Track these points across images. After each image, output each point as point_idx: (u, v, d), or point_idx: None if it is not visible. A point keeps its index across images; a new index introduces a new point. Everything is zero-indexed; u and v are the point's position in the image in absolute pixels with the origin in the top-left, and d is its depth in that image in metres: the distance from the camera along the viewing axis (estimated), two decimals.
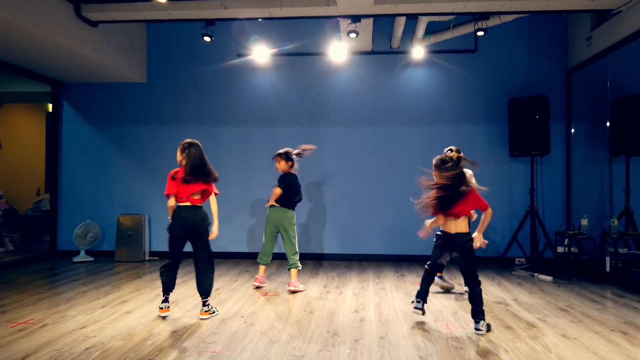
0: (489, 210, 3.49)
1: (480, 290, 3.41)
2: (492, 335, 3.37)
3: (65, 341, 3.20)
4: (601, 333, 3.43)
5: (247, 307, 4.11)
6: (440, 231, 3.59)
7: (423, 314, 3.68)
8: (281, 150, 4.84)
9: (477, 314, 3.39)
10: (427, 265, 3.71)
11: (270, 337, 3.31)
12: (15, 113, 8.48)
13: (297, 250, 4.78)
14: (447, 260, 4.01)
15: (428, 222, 3.68)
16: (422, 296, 3.69)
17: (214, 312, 3.85)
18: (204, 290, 3.78)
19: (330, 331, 3.45)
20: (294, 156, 4.82)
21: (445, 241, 3.54)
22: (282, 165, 4.79)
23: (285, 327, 3.55)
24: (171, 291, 3.83)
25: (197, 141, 3.83)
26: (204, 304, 3.80)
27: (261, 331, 3.44)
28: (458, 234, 3.45)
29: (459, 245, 3.45)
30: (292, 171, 4.83)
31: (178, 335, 3.33)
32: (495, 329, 3.50)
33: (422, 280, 3.72)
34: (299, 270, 4.82)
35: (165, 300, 3.80)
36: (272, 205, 4.76)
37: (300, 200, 4.90)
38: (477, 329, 3.38)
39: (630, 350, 3.08)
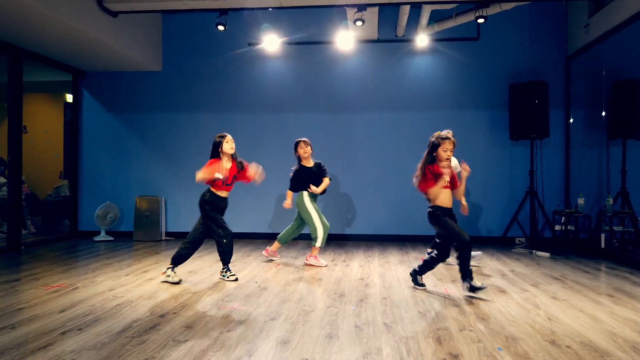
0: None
1: (464, 254, 3.63)
2: (488, 297, 3.64)
3: (97, 300, 3.53)
4: (589, 296, 3.70)
5: (260, 275, 4.43)
6: None
7: (417, 285, 3.95)
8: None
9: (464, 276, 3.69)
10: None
11: (282, 297, 3.62)
12: (34, 102, 8.83)
13: (317, 229, 4.86)
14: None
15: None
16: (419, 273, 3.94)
17: (224, 277, 4.22)
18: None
19: (338, 293, 3.75)
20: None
21: None
22: (309, 149, 5.09)
23: (296, 290, 3.86)
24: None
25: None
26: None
27: (274, 293, 3.75)
28: None
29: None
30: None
31: (198, 296, 3.65)
32: (490, 293, 3.77)
33: (427, 266, 3.87)
34: (318, 248, 4.94)
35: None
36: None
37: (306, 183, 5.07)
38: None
39: (614, 308, 3.35)
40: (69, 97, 8.04)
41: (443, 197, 3.72)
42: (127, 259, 5.32)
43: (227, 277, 4.22)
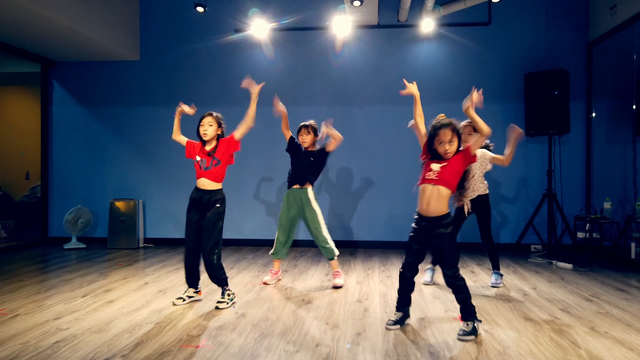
0: None
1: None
2: (512, 328, 3.00)
3: (34, 334, 2.88)
4: (633, 325, 3.05)
5: (240, 296, 3.77)
6: None
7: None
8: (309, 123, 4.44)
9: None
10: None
11: (262, 329, 2.97)
12: (6, 96, 8.17)
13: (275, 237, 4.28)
14: None
15: None
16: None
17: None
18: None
19: (330, 323, 3.10)
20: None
21: None
22: (309, 139, 4.39)
23: (280, 318, 3.21)
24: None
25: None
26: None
27: (252, 323, 3.10)
28: None
29: None
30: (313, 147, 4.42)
31: (160, 328, 3.00)
32: (514, 321, 3.13)
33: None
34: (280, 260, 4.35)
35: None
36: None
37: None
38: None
39: None
40: (41, 87, 7.39)
41: (420, 195, 3.04)
42: (92, 272, 4.66)
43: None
